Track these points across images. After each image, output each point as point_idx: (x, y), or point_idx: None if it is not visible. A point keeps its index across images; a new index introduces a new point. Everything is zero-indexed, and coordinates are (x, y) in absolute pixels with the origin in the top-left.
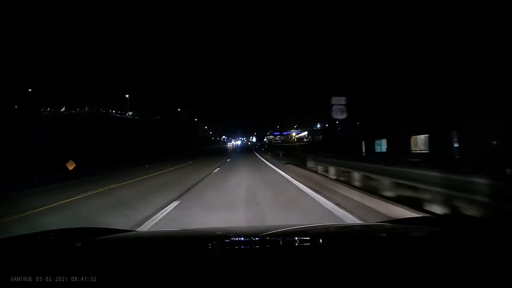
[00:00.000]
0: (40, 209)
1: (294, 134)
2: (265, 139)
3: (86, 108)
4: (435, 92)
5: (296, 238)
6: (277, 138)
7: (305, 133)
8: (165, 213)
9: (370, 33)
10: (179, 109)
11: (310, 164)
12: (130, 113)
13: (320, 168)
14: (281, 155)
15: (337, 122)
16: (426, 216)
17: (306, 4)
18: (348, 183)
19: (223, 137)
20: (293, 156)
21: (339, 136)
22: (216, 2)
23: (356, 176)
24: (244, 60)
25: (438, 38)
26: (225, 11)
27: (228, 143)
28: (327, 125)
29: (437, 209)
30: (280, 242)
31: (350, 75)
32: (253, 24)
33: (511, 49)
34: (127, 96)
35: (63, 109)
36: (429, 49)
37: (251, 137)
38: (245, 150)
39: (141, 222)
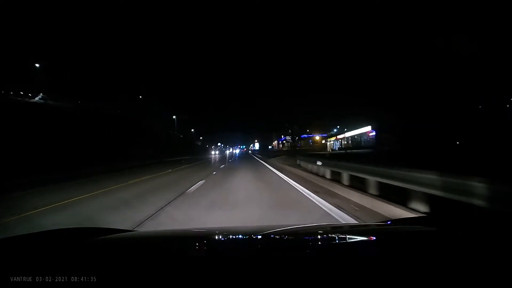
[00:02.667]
0: None
1: (318, 137)
2: (270, 147)
3: None
4: None
5: (296, 238)
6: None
7: (366, 128)
8: None
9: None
10: (140, 96)
11: None
12: (40, 95)
13: None
14: None
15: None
16: (424, 216)
17: None
18: None
19: (219, 144)
20: None
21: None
22: None
23: None
24: (243, 55)
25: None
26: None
27: (213, 152)
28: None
29: None
30: (281, 242)
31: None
32: (252, 13)
33: None
34: (37, 65)
35: None
36: None
37: (251, 145)
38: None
39: None
